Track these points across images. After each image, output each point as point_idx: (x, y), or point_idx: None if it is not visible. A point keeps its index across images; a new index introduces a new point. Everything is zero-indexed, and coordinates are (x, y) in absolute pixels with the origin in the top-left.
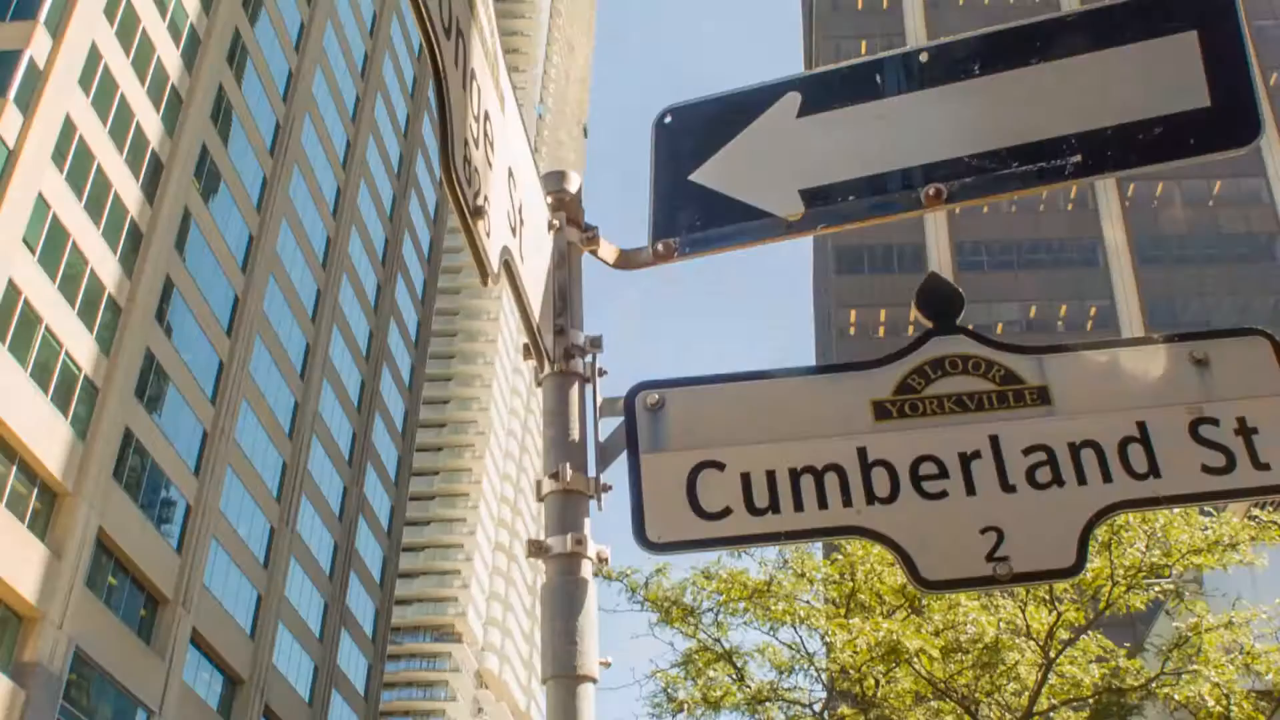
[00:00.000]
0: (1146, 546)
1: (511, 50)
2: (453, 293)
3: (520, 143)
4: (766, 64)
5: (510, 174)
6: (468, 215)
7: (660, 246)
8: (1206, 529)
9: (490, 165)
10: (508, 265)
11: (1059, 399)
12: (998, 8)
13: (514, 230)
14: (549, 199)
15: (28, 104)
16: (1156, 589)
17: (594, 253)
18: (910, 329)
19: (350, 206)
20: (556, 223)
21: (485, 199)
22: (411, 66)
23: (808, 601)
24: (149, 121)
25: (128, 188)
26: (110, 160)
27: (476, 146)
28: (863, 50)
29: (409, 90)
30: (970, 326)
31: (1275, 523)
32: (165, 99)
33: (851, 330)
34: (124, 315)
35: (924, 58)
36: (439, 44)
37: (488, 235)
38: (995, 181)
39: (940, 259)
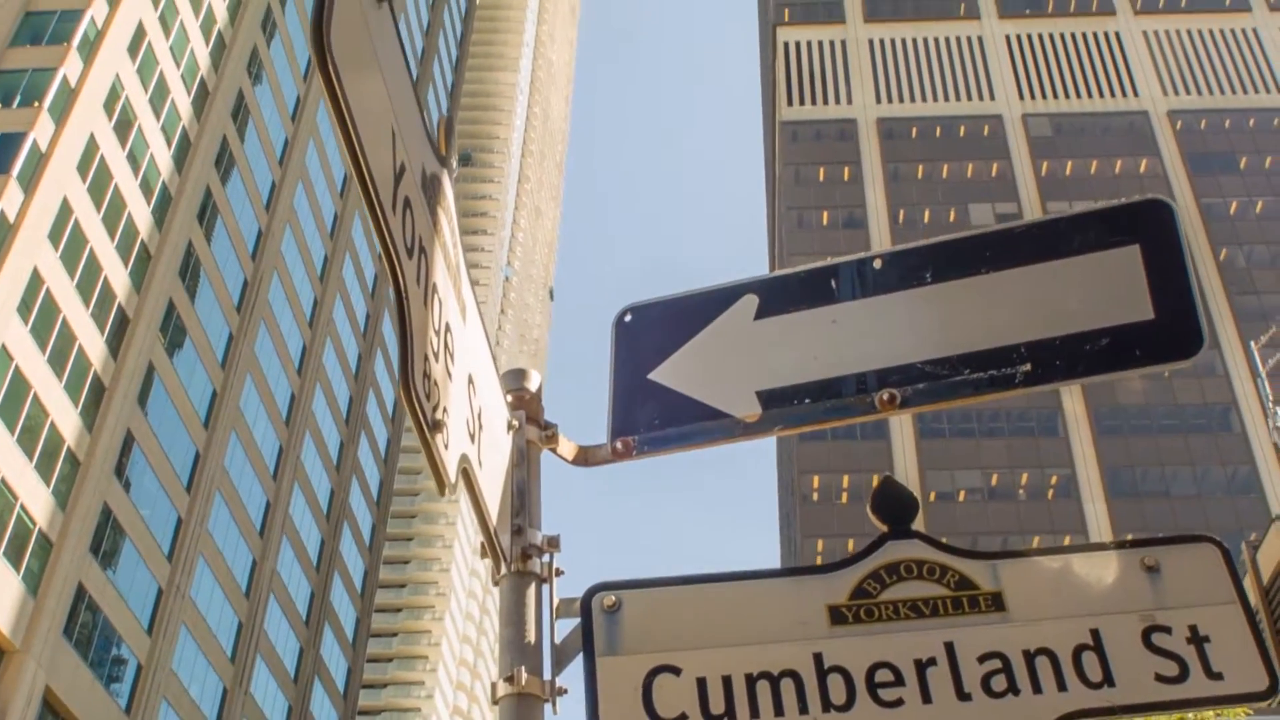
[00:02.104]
0: None
1: (480, 214)
2: (414, 452)
3: (481, 349)
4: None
5: (470, 380)
6: (426, 430)
7: (619, 444)
8: None
9: (450, 376)
10: (465, 472)
11: (1013, 605)
12: (955, 181)
13: (473, 437)
14: (509, 398)
15: None
16: None
17: (553, 450)
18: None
19: (315, 364)
20: (516, 422)
21: (444, 411)
22: None
23: None
24: (117, 276)
25: (93, 342)
26: (76, 314)
27: (436, 360)
28: (824, 220)
29: (377, 250)
30: (927, 520)
31: None
32: (134, 254)
33: (814, 496)
34: (82, 469)
35: (877, 264)
36: (400, 265)
37: (446, 447)
38: (948, 388)
39: (902, 426)
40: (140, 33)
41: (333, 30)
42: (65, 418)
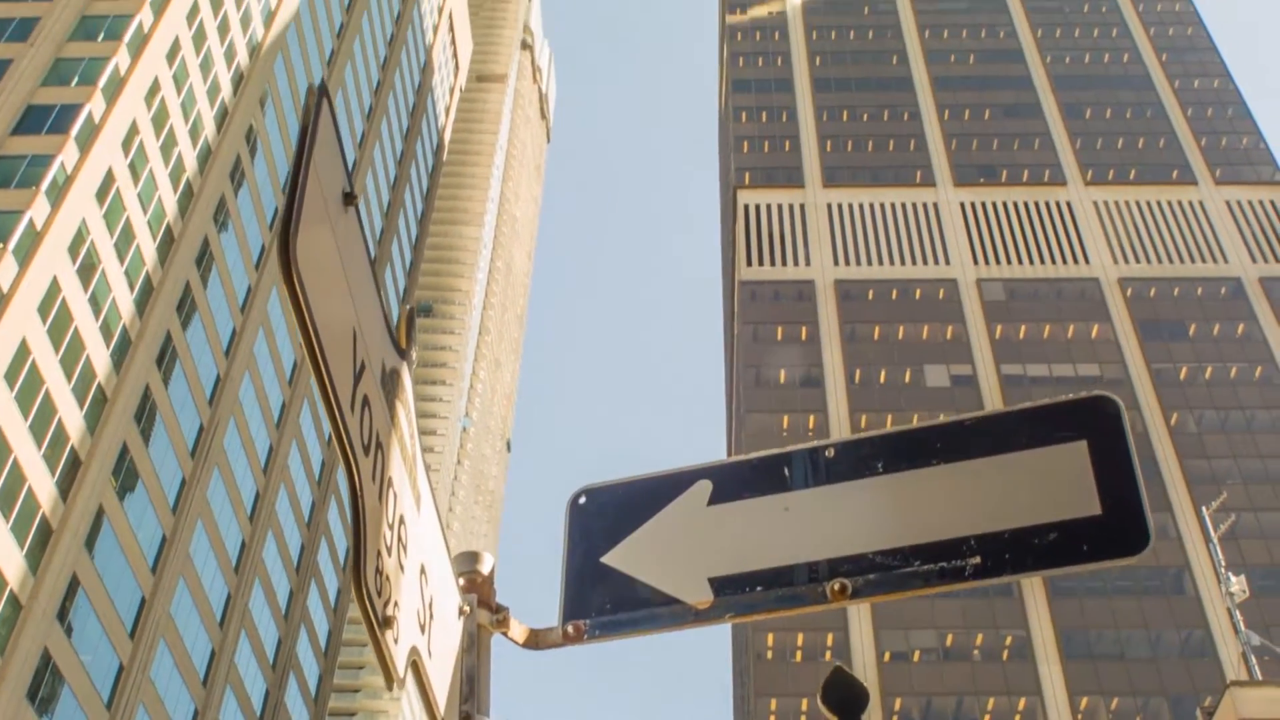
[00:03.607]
0: None
1: (439, 365)
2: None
3: (435, 537)
4: (690, 392)
5: (422, 570)
6: (376, 627)
7: (570, 628)
8: None
9: (402, 569)
10: (415, 664)
11: None
12: (911, 343)
13: (423, 628)
14: (461, 581)
15: None
16: None
17: (504, 634)
18: None
19: (268, 510)
20: (467, 607)
21: (395, 605)
22: None
23: None
24: (71, 418)
25: (43, 484)
26: (28, 456)
27: (389, 554)
28: (781, 379)
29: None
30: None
31: None
32: (90, 397)
33: (769, 654)
34: (24, 612)
35: (830, 453)
36: (357, 463)
37: (395, 642)
38: (899, 579)
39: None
40: (109, 179)
41: (299, 242)
42: (10, 560)
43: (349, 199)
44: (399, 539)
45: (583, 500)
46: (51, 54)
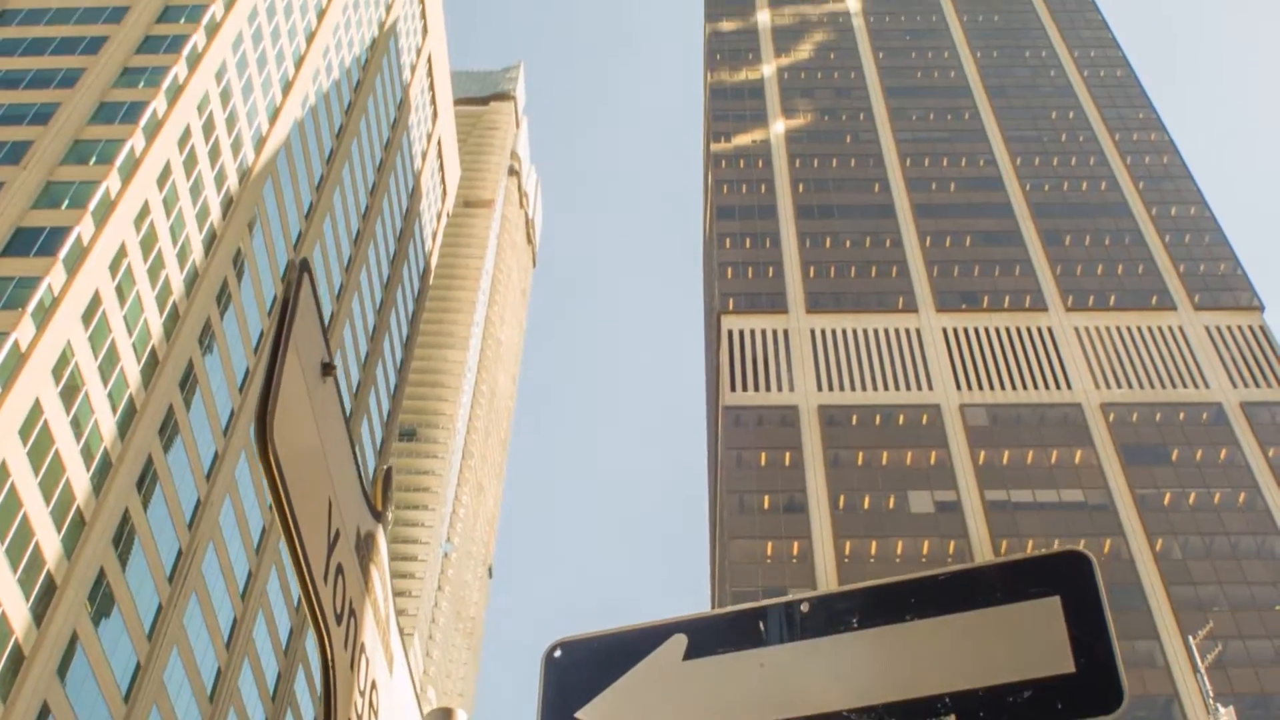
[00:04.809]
0: None
1: (422, 489)
2: None
3: (407, 698)
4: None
5: None
6: None
7: None
8: None
9: None
10: None
11: None
12: (895, 469)
13: None
14: None
15: None
16: None
17: None
18: None
19: (245, 637)
20: None
21: None
22: None
23: None
24: (48, 542)
25: (17, 610)
26: (3, 580)
27: None
28: (765, 504)
29: None
30: None
31: None
32: (69, 520)
33: None
34: None
35: (805, 608)
36: (329, 633)
37: None
38: None
39: None
40: (96, 301)
41: (276, 420)
42: None
43: (327, 369)
44: (370, 705)
45: (558, 654)
46: (43, 177)
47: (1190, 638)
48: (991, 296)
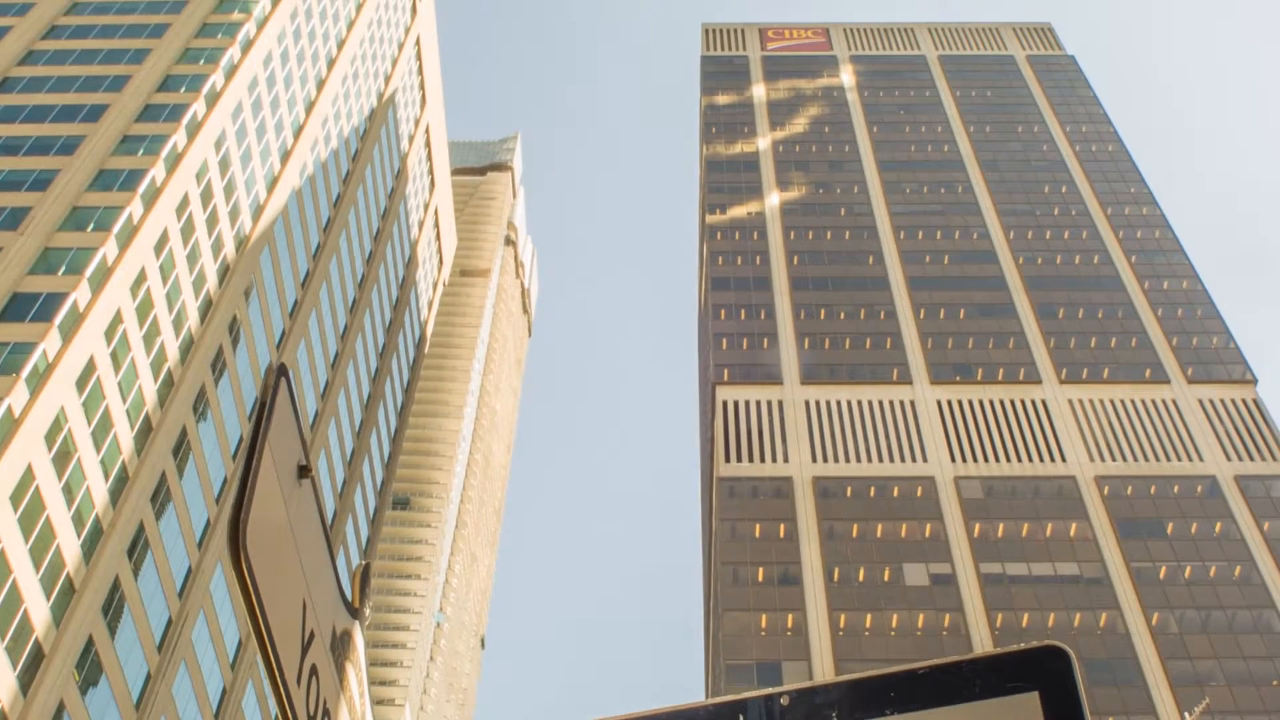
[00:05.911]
0: None
1: (414, 559)
2: None
3: None
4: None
5: None
6: None
7: None
8: None
9: None
10: None
11: None
12: (890, 541)
13: None
14: None
15: None
16: None
17: None
18: None
19: (234, 707)
20: None
21: None
22: None
23: None
24: (37, 609)
25: (3, 678)
26: None
27: None
28: (759, 577)
29: None
30: None
31: None
32: (58, 587)
33: None
34: None
35: (785, 701)
36: None
37: None
38: None
39: None
40: (90, 367)
41: (250, 527)
42: None
43: (304, 471)
44: None
45: None
46: (41, 243)
47: (1187, 714)
48: (985, 369)
